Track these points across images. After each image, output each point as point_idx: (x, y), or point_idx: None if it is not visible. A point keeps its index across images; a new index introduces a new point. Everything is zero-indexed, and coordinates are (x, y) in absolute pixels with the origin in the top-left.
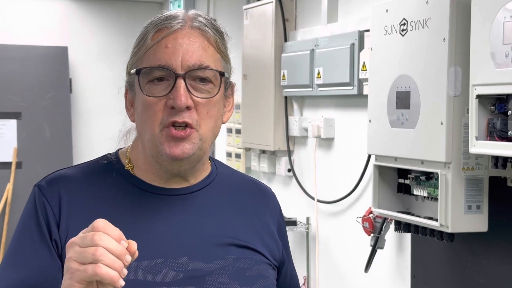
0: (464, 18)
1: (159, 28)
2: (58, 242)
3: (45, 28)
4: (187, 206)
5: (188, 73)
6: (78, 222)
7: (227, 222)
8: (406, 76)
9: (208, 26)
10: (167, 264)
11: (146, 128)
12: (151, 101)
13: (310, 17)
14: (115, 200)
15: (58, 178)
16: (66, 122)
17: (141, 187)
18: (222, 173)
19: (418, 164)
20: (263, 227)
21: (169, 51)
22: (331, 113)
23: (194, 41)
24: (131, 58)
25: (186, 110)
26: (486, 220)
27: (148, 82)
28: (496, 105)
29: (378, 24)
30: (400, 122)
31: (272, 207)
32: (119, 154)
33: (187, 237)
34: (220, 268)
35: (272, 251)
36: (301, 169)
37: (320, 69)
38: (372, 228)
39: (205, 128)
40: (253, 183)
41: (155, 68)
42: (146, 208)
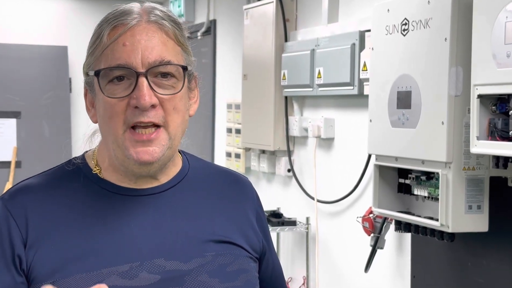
0: (466, 18)
1: (115, 25)
2: (22, 258)
3: (45, 27)
4: (160, 205)
5: (149, 71)
6: (48, 232)
7: (204, 217)
8: (407, 76)
9: (165, 19)
10: (143, 267)
11: (109, 130)
12: (113, 102)
13: (310, 17)
14: (85, 205)
15: (22, 189)
16: (65, 122)
17: (110, 189)
18: (194, 167)
19: (418, 163)
20: (242, 219)
21: (127, 49)
22: (331, 113)
23: (153, 36)
24: (88, 58)
25: (151, 109)
26: (486, 220)
27: (108, 83)
28: (497, 105)
29: (379, 24)
30: (401, 122)
31: (249, 196)
32: (86, 157)
33: (162, 238)
34: (199, 267)
35: (252, 243)
36: (301, 169)
37: (321, 69)
38: (372, 228)
39: (173, 125)
40: (228, 174)
41: (115, 68)
42: (118, 211)
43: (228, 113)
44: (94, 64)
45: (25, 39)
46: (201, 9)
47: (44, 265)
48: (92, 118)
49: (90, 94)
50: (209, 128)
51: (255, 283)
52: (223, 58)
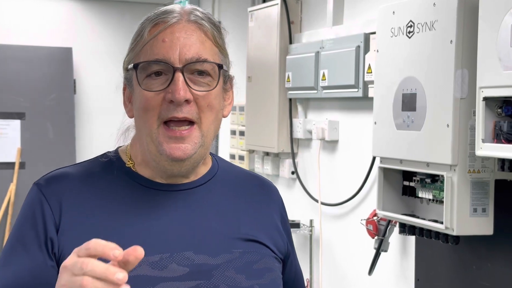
0: (471, 20)
1: (156, 23)
2: (54, 241)
3: (50, 29)
4: (190, 201)
5: (186, 67)
6: (80, 220)
7: (232, 215)
8: (412, 78)
9: (205, 19)
10: (173, 259)
11: (144, 124)
12: (149, 96)
13: (315, 20)
14: (117, 197)
15: (58, 176)
16: (69, 123)
17: (143, 183)
18: (223, 168)
19: (423, 166)
20: (267, 220)
21: (166, 45)
22: (335, 115)
23: (191, 35)
24: (128, 54)
25: (185, 104)
26: (491, 223)
27: (146, 77)
28: (503, 108)
29: (384, 26)
30: (405, 124)
31: (275, 200)
32: (119, 152)
33: (191, 231)
34: (226, 262)
35: (277, 244)
36: (304, 171)
37: (325, 71)
38: (376, 230)
39: (206, 123)
40: (255, 177)
41: (153, 62)
42: (149, 204)
43: (232, 115)
44: (134, 59)
45: (30, 40)
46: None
47: None
48: (128, 113)
49: (128, 90)
50: None
51: (279, 283)
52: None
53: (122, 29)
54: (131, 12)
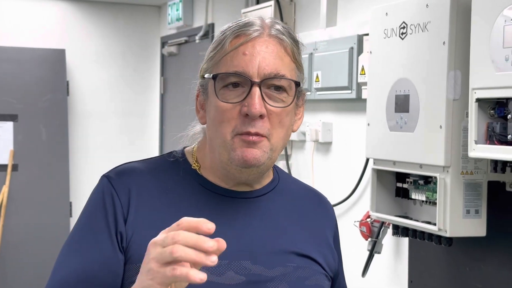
0: (464, 22)
1: (237, 35)
2: (123, 235)
3: (43, 30)
4: (251, 210)
5: (263, 82)
6: (147, 216)
7: (288, 229)
8: (405, 80)
9: (285, 34)
10: (231, 267)
11: (218, 133)
12: (225, 107)
13: (308, 21)
14: (182, 197)
15: (128, 170)
16: (62, 125)
17: (207, 187)
18: (283, 180)
19: (416, 167)
20: (321, 237)
21: (246, 58)
22: (329, 117)
23: (272, 50)
24: (206, 62)
25: (259, 119)
26: (484, 224)
27: (223, 88)
28: (495, 109)
29: (377, 28)
30: (399, 126)
31: (330, 217)
32: (185, 153)
33: (250, 241)
34: (281, 275)
35: (329, 262)
36: (298, 173)
37: (319, 73)
38: (370, 232)
39: (276, 138)
40: (312, 192)
41: (231, 74)
42: (212, 209)
43: None
44: (212, 68)
45: (23, 42)
46: (199, 13)
47: (140, 247)
48: (201, 119)
49: (202, 97)
50: None
51: None
52: None
53: (115, 31)
54: (124, 14)
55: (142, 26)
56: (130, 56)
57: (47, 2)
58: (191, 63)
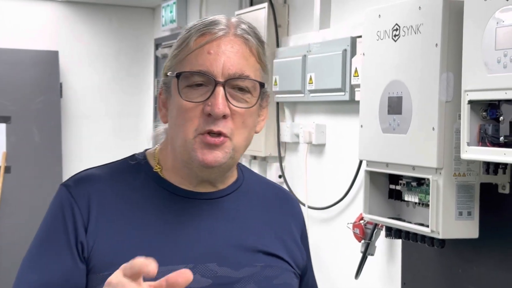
0: (457, 24)
1: (203, 33)
2: (84, 245)
3: (36, 32)
4: (215, 211)
5: (228, 81)
6: (108, 223)
7: (254, 228)
8: (398, 82)
9: (251, 34)
10: (197, 270)
11: (179, 133)
12: (188, 106)
13: (302, 23)
14: (144, 202)
15: (86, 177)
16: (56, 127)
17: (169, 189)
18: (248, 179)
19: (409, 169)
20: (288, 235)
21: (211, 57)
22: (322, 119)
23: (237, 50)
24: (170, 60)
25: (222, 119)
26: (477, 226)
27: (187, 87)
28: (488, 111)
29: (370, 30)
30: (391, 128)
31: (296, 214)
32: (147, 155)
33: (216, 243)
34: (248, 276)
35: (297, 260)
36: (292, 175)
37: (312, 75)
38: (363, 234)
39: (238, 139)
40: (278, 190)
41: (195, 73)
42: (175, 212)
43: None
44: (176, 67)
45: (16, 44)
46: (193, 15)
47: (102, 255)
48: (163, 118)
49: (165, 95)
50: None
51: None
52: None
53: (109, 33)
54: (118, 16)
55: (136, 28)
56: (123, 58)
57: (40, 3)
58: None
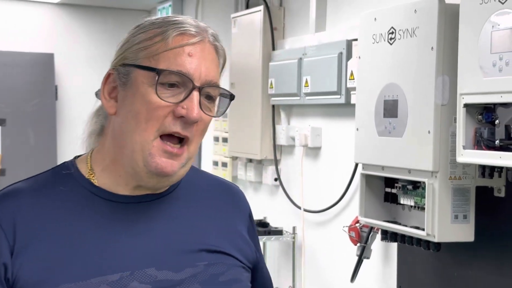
0: (452, 27)
1: (182, 32)
2: (8, 266)
3: (31, 34)
4: (153, 213)
5: (204, 88)
6: (36, 239)
7: (196, 226)
8: (394, 85)
9: (218, 42)
10: (134, 277)
11: (139, 130)
12: (158, 104)
13: (298, 26)
14: (75, 213)
15: (10, 193)
16: (51, 130)
17: (103, 196)
18: (188, 176)
19: (405, 173)
20: (234, 229)
21: (192, 60)
22: (318, 122)
23: (212, 57)
24: (137, 51)
25: (192, 125)
26: (472, 230)
27: (159, 84)
28: (483, 115)
29: (366, 33)
30: (387, 131)
31: (241, 207)
32: (77, 162)
33: (154, 246)
34: (191, 276)
35: (245, 253)
36: (288, 178)
37: (308, 78)
38: (359, 237)
39: (194, 146)
40: (221, 183)
41: (175, 73)
42: (109, 219)
43: (215, 121)
44: (146, 60)
45: (11, 46)
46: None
47: (30, 274)
48: (110, 109)
49: (118, 85)
50: None
51: None
52: None
53: (105, 35)
54: (113, 18)
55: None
56: None
57: (36, 5)
58: None
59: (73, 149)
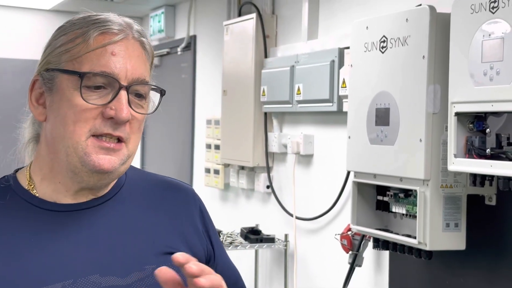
0: (443, 36)
1: (103, 31)
2: None
3: (23, 41)
4: (96, 220)
5: (131, 86)
6: None
7: (143, 229)
8: (385, 93)
9: (145, 37)
10: (77, 285)
11: (69, 133)
12: (84, 107)
13: (290, 34)
14: (14, 225)
15: None
16: None
17: (43, 206)
18: (131, 177)
19: (397, 181)
20: (183, 226)
21: (115, 59)
22: (310, 129)
23: (138, 54)
24: (59, 54)
25: (123, 124)
26: (464, 238)
27: (84, 87)
28: (474, 123)
29: (358, 41)
30: (379, 139)
31: (190, 202)
32: (18, 174)
33: (98, 253)
34: (138, 281)
35: (195, 250)
36: (280, 185)
37: (300, 85)
38: (351, 245)
39: (133, 144)
40: (168, 183)
41: (98, 74)
42: (50, 229)
43: (208, 129)
44: (69, 64)
45: (2, 53)
46: (181, 25)
47: None
48: (39, 116)
49: (44, 91)
50: (188, 144)
51: None
52: (203, 74)
53: None
54: None
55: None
56: None
57: (27, 12)
58: (173, 74)
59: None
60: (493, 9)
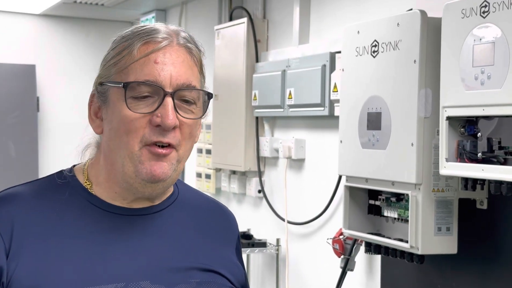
0: (435, 40)
1: (146, 41)
2: (4, 269)
3: (13, 46)
4: (148, 227)
5: (176, 92)
6: (32, 245)
7: (190, 244)
8: (377, 98)
9: (192, 43)
10: None
11: (123, 144)
12: (133, 117)
13: (281, 38)
14: (72, 220)
15: (9, 196)
16: (32, 141)
17: (100, 206)
18: (184, 193)
19: (388, 185)
20: (225, 250)
21: (158, 67)
22: (302, 134)
23: (183, 59)
24: (107, 68)
25: (172, 131)
26: (455, 242)
27: (131, 97)
28: (465, 127)
29: (349, 46)
30: (371, 143)
31: (232, 229)
32: (75, 171)
33: (148, 260)
34: None
35: (236, 274)
36: (271, 189)
37: (292, 90)
38: (342, 249)
39: (184, 149)
40: (214, 204)
41: (142, 83)
42: (105, 229)
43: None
44: (117, 75)
45: None
46: None
47: (24, 279)
48: (97, 129)
49: (100, 104)
50: None
51: None
52: None
53: (87, 47)
54: (96, 30)
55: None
56: None
57: (17, 16)
58: None
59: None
60: (484, 13)
